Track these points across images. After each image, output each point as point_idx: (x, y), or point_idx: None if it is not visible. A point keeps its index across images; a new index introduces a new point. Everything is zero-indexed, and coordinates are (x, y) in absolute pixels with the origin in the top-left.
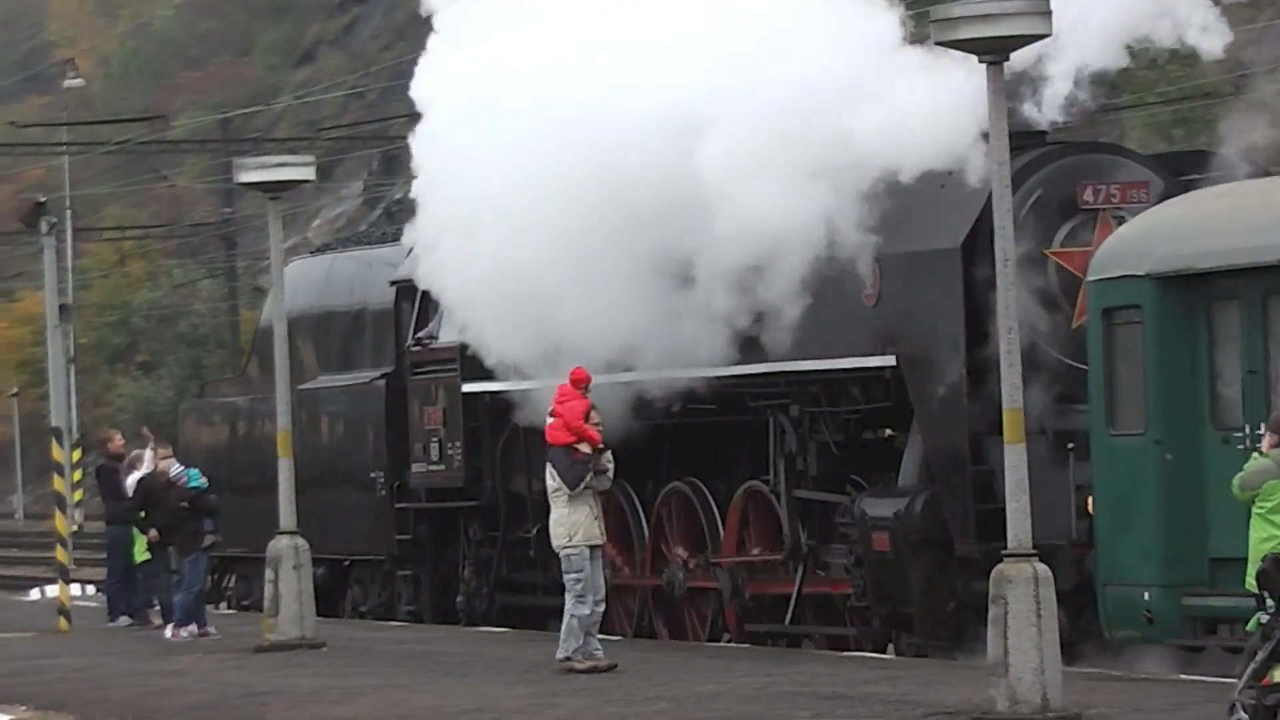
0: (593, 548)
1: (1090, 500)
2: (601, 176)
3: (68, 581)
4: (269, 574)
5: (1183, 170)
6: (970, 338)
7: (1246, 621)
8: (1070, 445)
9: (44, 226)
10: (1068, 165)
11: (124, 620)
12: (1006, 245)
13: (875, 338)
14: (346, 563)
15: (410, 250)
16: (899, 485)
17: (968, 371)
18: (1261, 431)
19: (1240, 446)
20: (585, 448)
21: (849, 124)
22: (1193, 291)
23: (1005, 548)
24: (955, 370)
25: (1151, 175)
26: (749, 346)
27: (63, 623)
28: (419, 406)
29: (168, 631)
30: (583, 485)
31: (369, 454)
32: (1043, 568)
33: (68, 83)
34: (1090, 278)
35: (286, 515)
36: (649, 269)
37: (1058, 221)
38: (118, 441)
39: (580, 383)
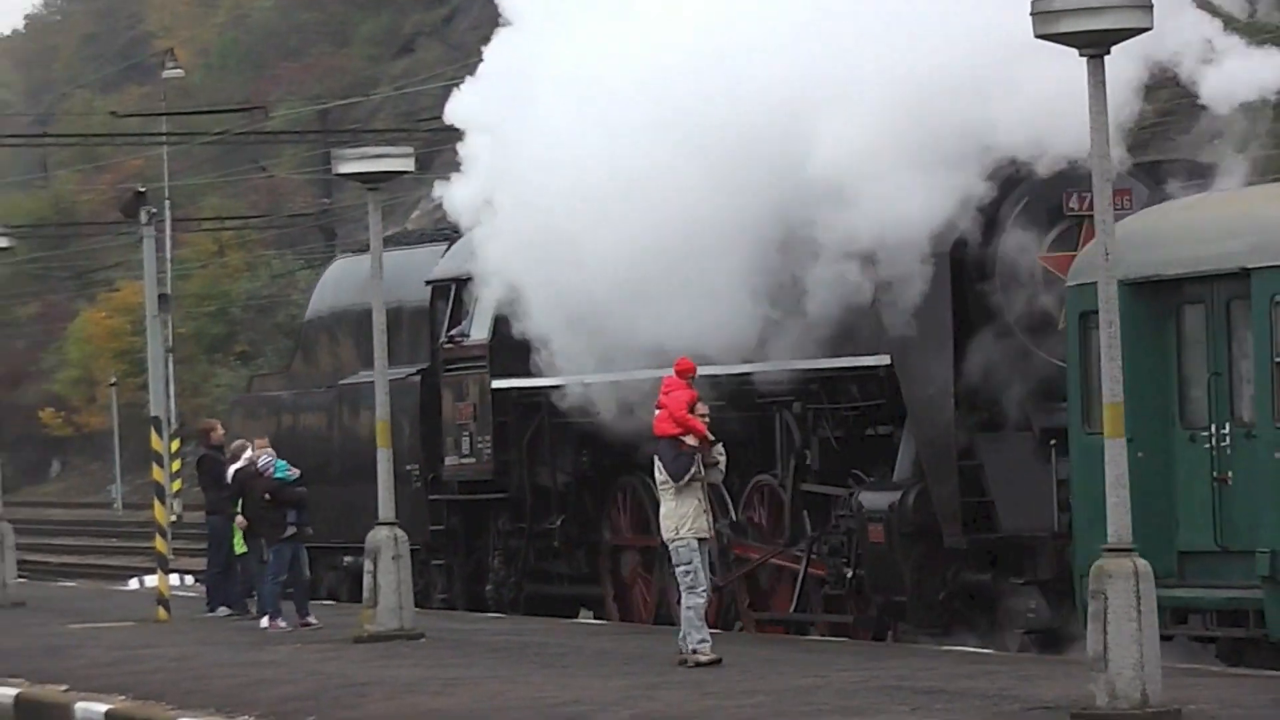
0: (701, 540)
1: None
2: (713, 165)
3: (167, 571)
4: (367, 565)
5: (1164, 179)
6: (958, 338)
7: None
8: (1053, 441)
9: (143, 216)
10: (1054, 174)
11: (223, 610)
12: (1107, 239)
13: (871, 337)
14: None
15: (447, 249)
16: (894, 479)
17: (955, 371)
18: (1226, 430)
19: (1206, 445)
20: (691, 439)
21: (978, 111)
22: (1162, 297)
23: (992, 539)
24: (943, 370)
25: (1134, 184)
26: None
27: (162, 613)
28: (451, 401)
29: (263, 622)
30: (688, 477)
31: (404, 447)
32: (1143, 563)
33: (167, 73)
34: (1068, 283)
35: (385, 506)
36: (760, 259)
37: (1045, 228)
38: (218, 431)
39: (686, 373)
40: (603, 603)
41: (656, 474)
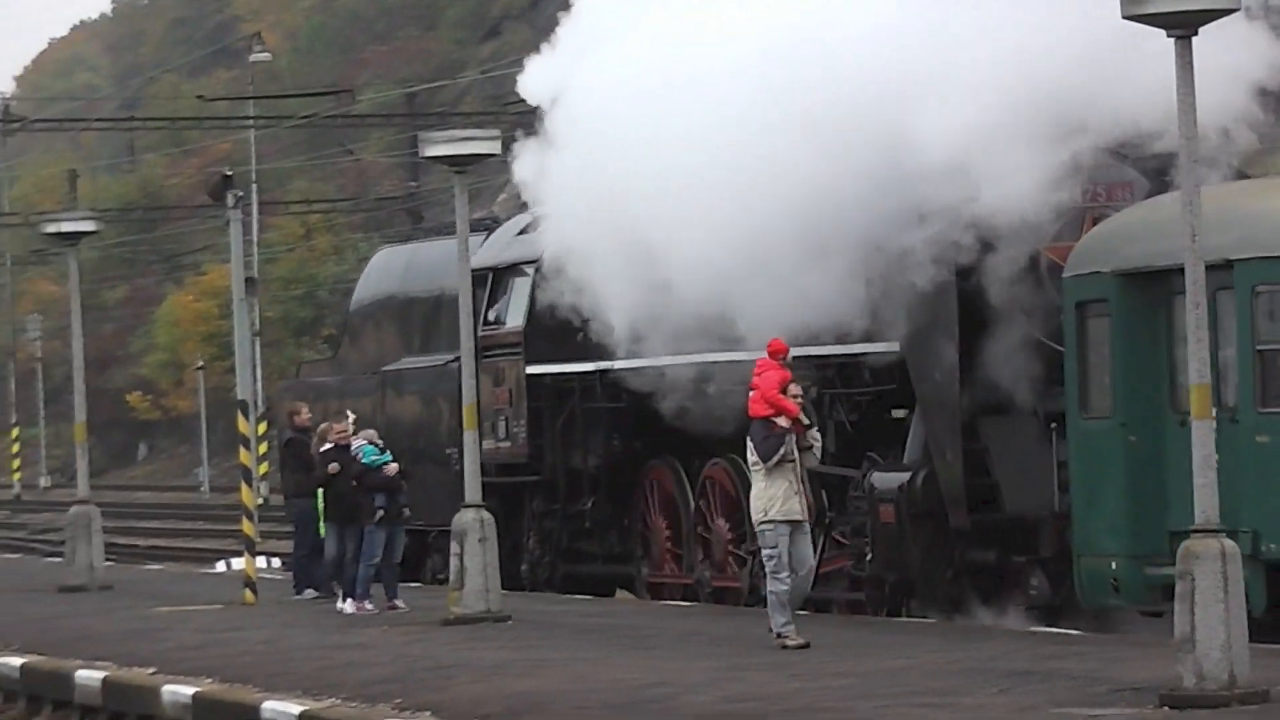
0: (793, 523)
1: None
2: (818, 144)
3: (254, 554)
4: (454, 547)
5: (1166, 171)
6: (963, 326)
7: None
8: (1054, 424)
9: (230, 200)
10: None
11: (309, 593)
12: (1194, 220)
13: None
14: (432, 535)
15: (486, 238)
16: (904, 461)
17: (960, 357)
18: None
19: None
20: (783, 421)
21: (1082, 92)
22: (1154, 287)
23: (996, 519)
24: (949, 356)
25: (1137, 176)
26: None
27: (249, 595)
28: (488, 387)
29: (342, 605)
30: (777, 458)
31: (444, 431)
32: (1230, 543)
33: (254, 57)
34: (1066, 273)
35: (471, 489)
36: (863, 236)
37: (1050, 218)
38: (305, 414)
39: (778, 354)
40: (632, 584)
41: (748, 455)
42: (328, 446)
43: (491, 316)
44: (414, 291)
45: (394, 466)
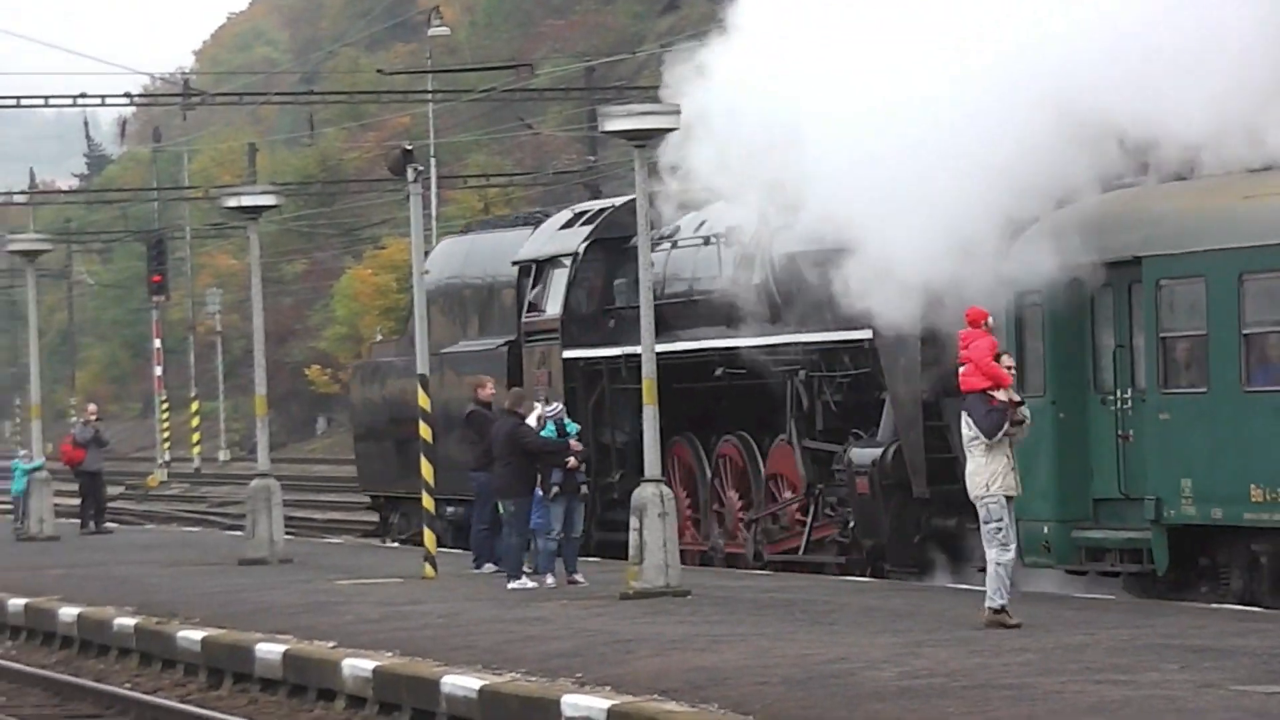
0: (1008, 498)
1: None
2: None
3: (434, 528)
4: (633, 522)
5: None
6: (926, 314)
7: (1119, 550)
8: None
9: (410, 174)
10: None
11: (489, 567)
12: None
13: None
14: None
15: (534, 230)
16: (878, 438)
17: (923, 342)
18: (1128, 395)
19: (1113, 408)
20: (1001, 394)
21: None
22: (1081, 280)
23: (954, 490)
24: (912, 341)
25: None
26: None
27: (428, 569)
28: (531, 369)
29: (525, 582)
30: (1001, 433)
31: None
32: None
33: (433, 31)
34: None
35: (651, 464)
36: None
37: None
38: (488, 388)
39: (980, 320)
40: None
41: (965, 430)
42: (537, 414)
43: (534, 304)
44: (470, 280)
45: (576, 444)
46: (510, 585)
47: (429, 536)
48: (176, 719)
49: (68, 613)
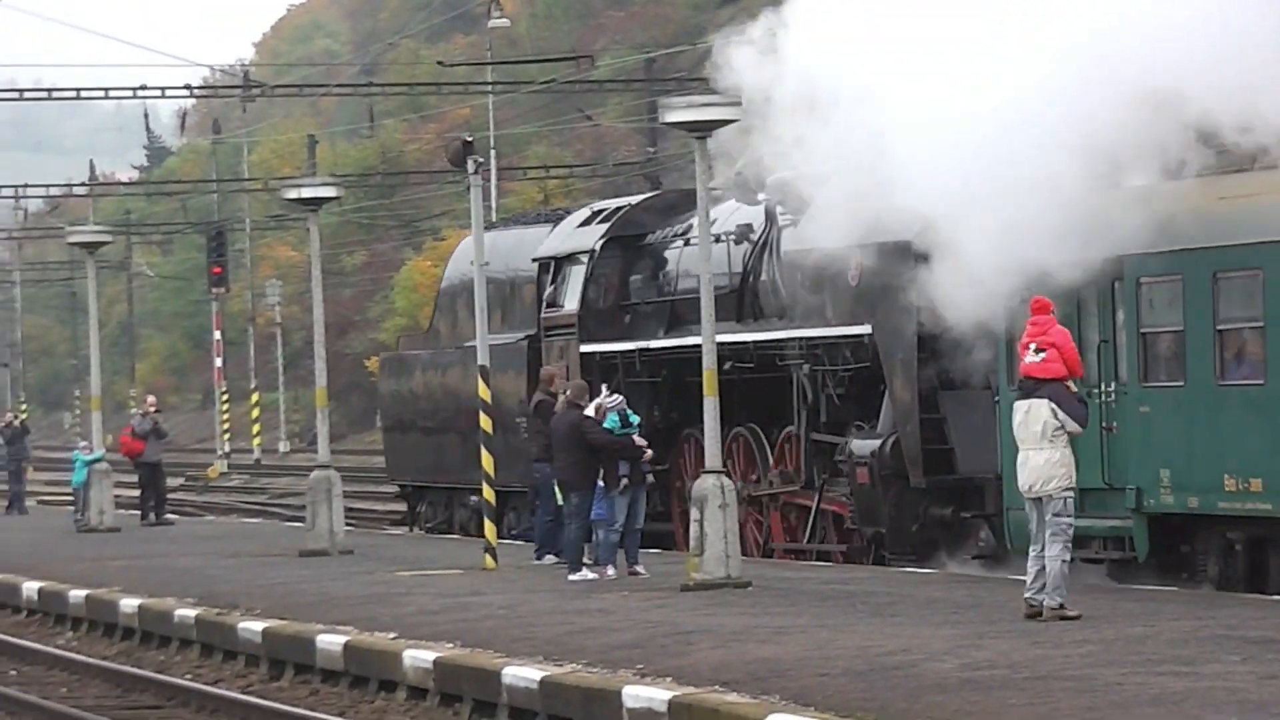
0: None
1: None
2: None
3: (494, 520)
4: (694, 513)
5: None
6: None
7: (1103, 538)
8: (997, 398)
9: (470, 165)
10: None
11: (550, 559)
12: None
13: (857, 311)
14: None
15: (552, 229)
16: (878, 430)
17: (919, 338)
18: (1111, 388)
19: (1098, 400)
20: (1073, 383)
21: None
22: (1069, 278)
23: (949, 480)
24: (909, 336)
25: None
26: None
27: (489, 560)
28: (551, 363)
29: (586, 574)
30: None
31: (514, 403)
32: None
33: (493, 22)
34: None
35: (712, 455)
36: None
37: None
38: (557, 379)
39: (1049, 307)
40: (671, 538)
41: (1049, 420)
42: (598, 404)
43: (553, 300)
44: (492, 275)
45: (640, 440)
46: (571, 577)
47: (489, 528)
48: (238, 710)
49: (129, 604)
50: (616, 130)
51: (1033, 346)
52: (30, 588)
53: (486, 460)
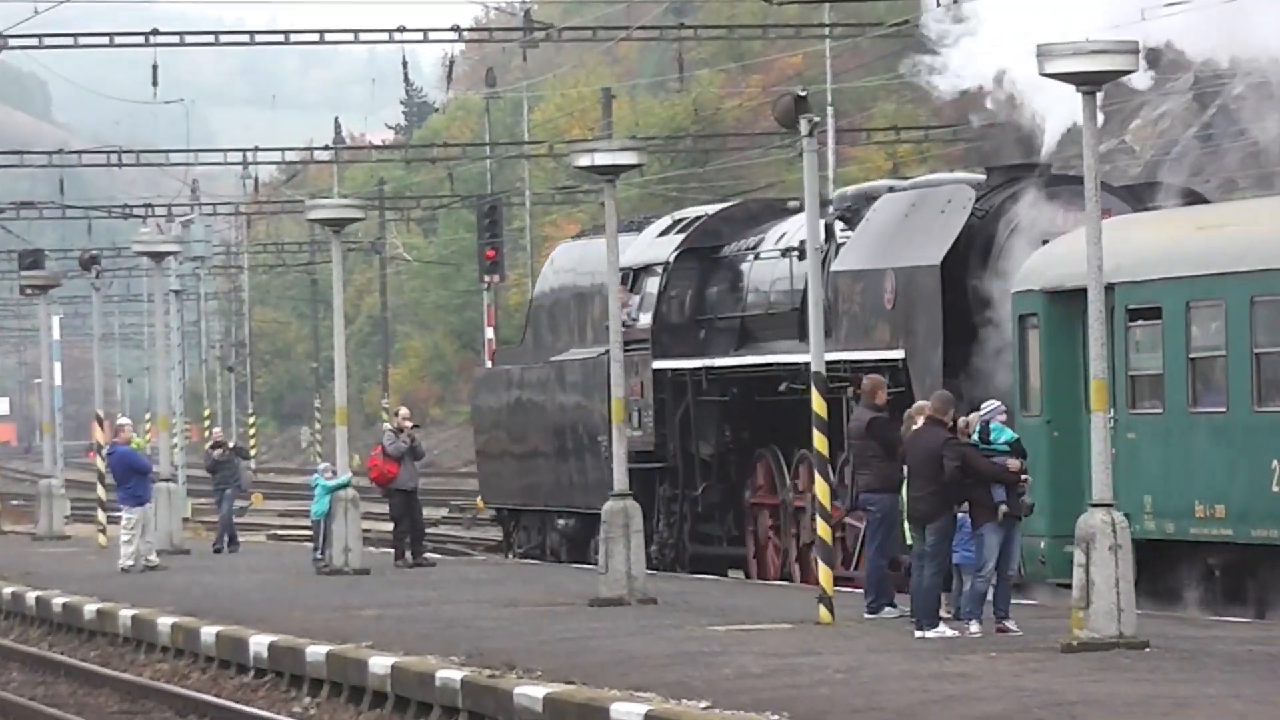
0: None
1: None
2: None
3: (831, 564)
4: (1078, 556)
5: (1143, 200)
6: (947, 336)
7: None
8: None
9: (803, 126)
10: (1043, 196)
11: (890, 611)
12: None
13: (893, 334)
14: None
15: (641, 232)
16: None
17: (944, 363)
18: (1113, 415)
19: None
20: None
21: None
22: (1073, 305)
23: None
24: (935, 362)
25: (1117, 203)
26: None
27: (824, 613)
28: (628, 379)
29: (944, 628)
30: None
31: (596, 420)
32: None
33: None
34: (1012, 290)
35: (1101, 486)
36: None
37: (1036, 245)
38: (883, 394)
39: None
40: (744, 562)
41: None
42: (965, 421)
43: (631, 314)
44: (583, 286)
45: (1015, 463)
46: (922, 634)
47: (824, 573)
48: None
49: (380, 663)
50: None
51: None
52: (259, 642)
53: (821, 489)
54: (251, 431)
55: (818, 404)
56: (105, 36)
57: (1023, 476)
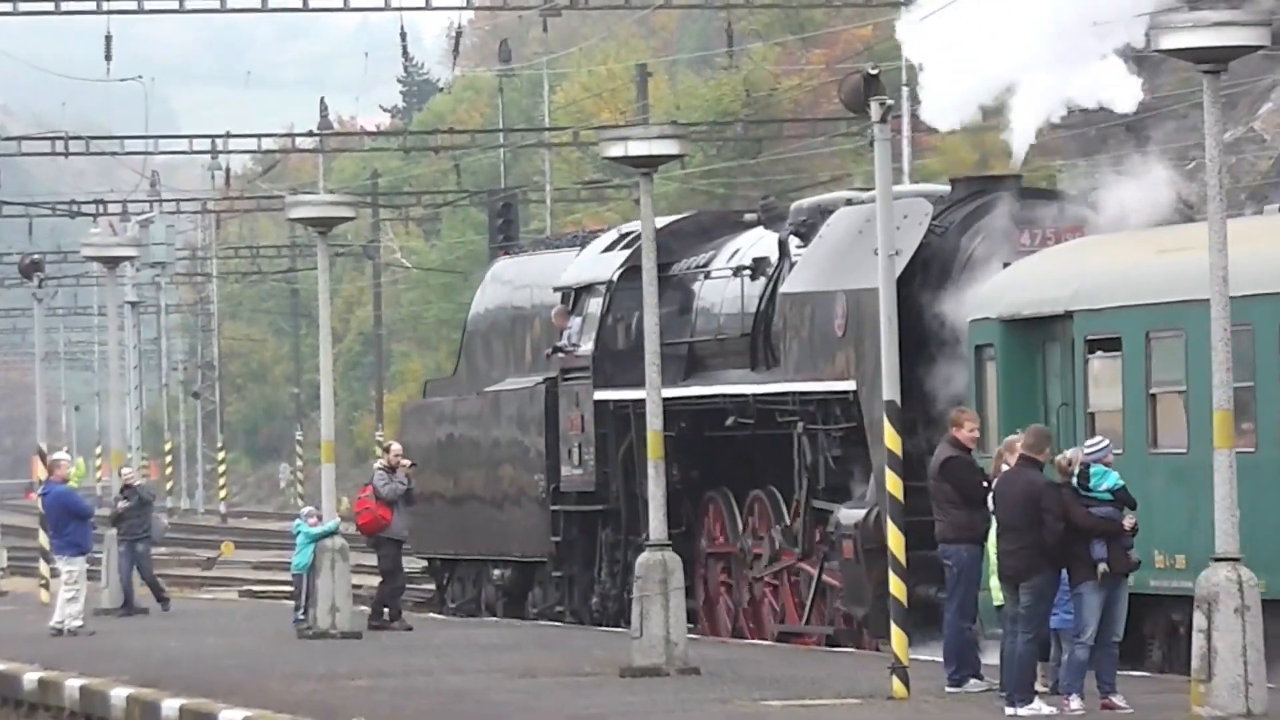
0: None
1: None
2: None
3: (904, 627)
4: (1198, 621)
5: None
6: (903, 365)
7: None
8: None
9: (874, 110)
10: (1009, 212)
11: (976, 684)
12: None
13: (845, 363)
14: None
15: (578, 253)
16: (866, 499)
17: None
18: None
19: None
20: None
21: None
22: (1030, 334)
23: (931, 554)
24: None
25: (1090, 216)
26: None
27: (897, 686)
28: (565, 412)
29: (1040, 705)
30: None
31: (530, 457)
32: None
33: None
34: (969, 319)
35: (1225, 535)
36: None
37: (1003, 261)
38: (969, 427)
39: None
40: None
41: None
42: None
43: (571, 339)
44: (521, 306)
45: (1130, 520)
46: (1014, 710)
47: (898, 637)
48: None
49: None
50: None
51: None
52: (230, 717)
53: (895, 538)
54: (221, 469)
55: (891, 440)
56: (50, 1)
57: (1130, 524)
